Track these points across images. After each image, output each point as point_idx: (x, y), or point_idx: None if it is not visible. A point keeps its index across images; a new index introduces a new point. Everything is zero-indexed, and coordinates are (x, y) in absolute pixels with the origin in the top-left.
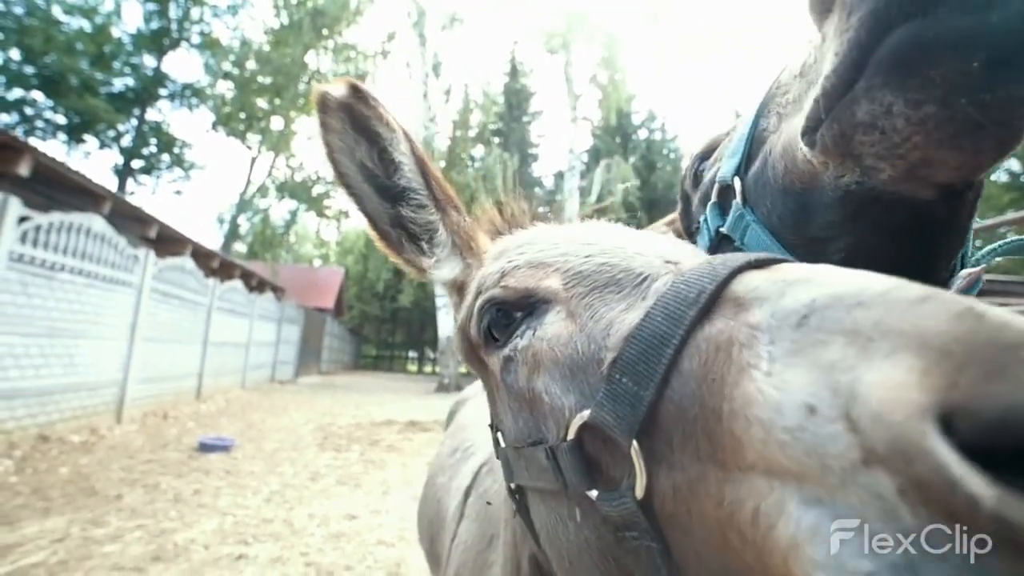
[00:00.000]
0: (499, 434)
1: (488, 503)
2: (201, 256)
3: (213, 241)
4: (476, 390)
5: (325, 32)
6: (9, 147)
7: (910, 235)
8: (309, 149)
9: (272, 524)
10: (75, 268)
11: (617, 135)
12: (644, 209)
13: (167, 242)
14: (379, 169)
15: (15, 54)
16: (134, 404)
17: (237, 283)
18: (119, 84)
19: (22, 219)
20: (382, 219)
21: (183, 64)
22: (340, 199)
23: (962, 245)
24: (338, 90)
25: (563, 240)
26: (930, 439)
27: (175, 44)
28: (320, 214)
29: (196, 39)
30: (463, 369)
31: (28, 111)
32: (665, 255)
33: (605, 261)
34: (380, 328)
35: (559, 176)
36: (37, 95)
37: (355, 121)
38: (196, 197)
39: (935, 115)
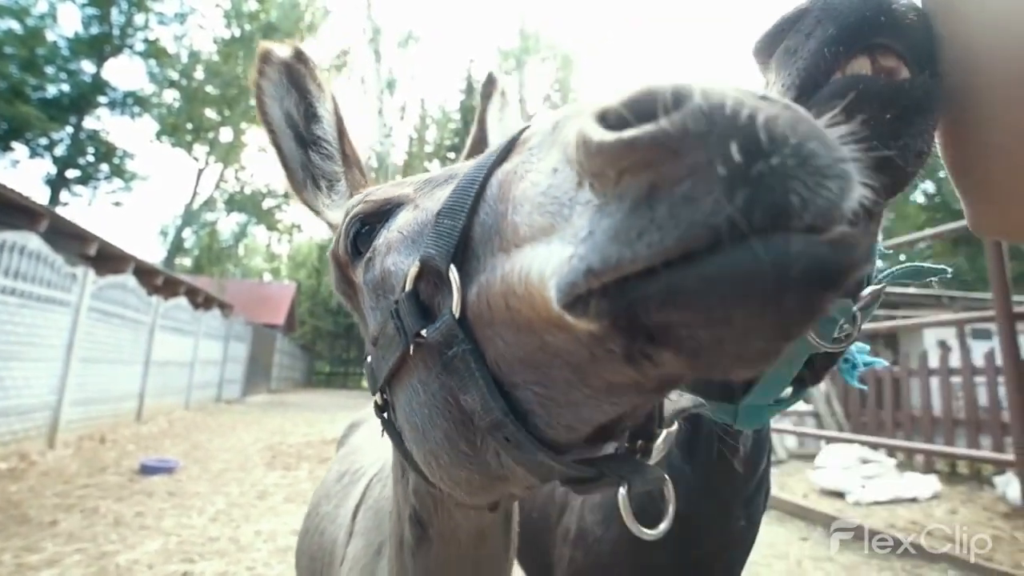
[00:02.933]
0: (369, 358)
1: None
2: (144, 273)
3: (156, 254)
4: (370, 413)
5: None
6: None
7: None
8: (260, 161)
9: (218, 542)
10: (7, 288)
11: None
12: None
13: (108, 259)
14: (301, 119)
15: None
16: (68, 428)
17: (182, 300)
18: (53, 90)
19: None
20: (294, 160)
21: (126, 71)
22: (292, 213)
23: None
24: (283, 50)
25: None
26: (589, 126)
27: (117, 51)
28: (271, 227)
29: (140, 46)
30: None
31: None
32: None
33: (448, 170)
34: (334, 344)
35: None
36: None
37: (291, 76)
38: (138, 209)
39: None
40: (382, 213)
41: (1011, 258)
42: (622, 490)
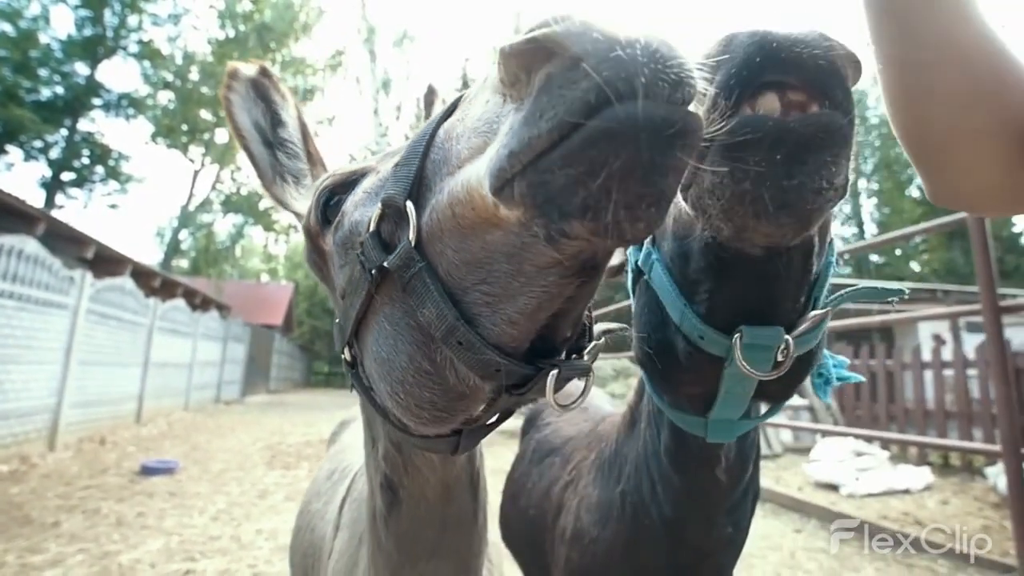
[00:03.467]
0: (336, 319)
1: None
2: (141, 275)
3: (152, 256)
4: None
5: (273, 46)
6: None
7: (752, 283)
8: None
9: (219, 540)
10: (5, 292)
11: None
12: None
13: (105, 262)
14: (268, 126)
15: None
16: (68, 430)
17: (179, 302)
18: (47, 92)
19: None
20: (263, 161)
21: (120, 73)
22: (288, 214)
23: (799, 292)
24: (250, 69)
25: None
26: (504, 44)
27: (111, 52)
28: (268, 228)
29: (134, 48)
30: None
31: None
32: None
33: (406, 142)
34: (332, 344)
35: None
36: None
37: (257, 89)
38: (134, 211)
39: (749, 192)
40: (348, 183)
41: (1006, 252)
42: (552, 372)
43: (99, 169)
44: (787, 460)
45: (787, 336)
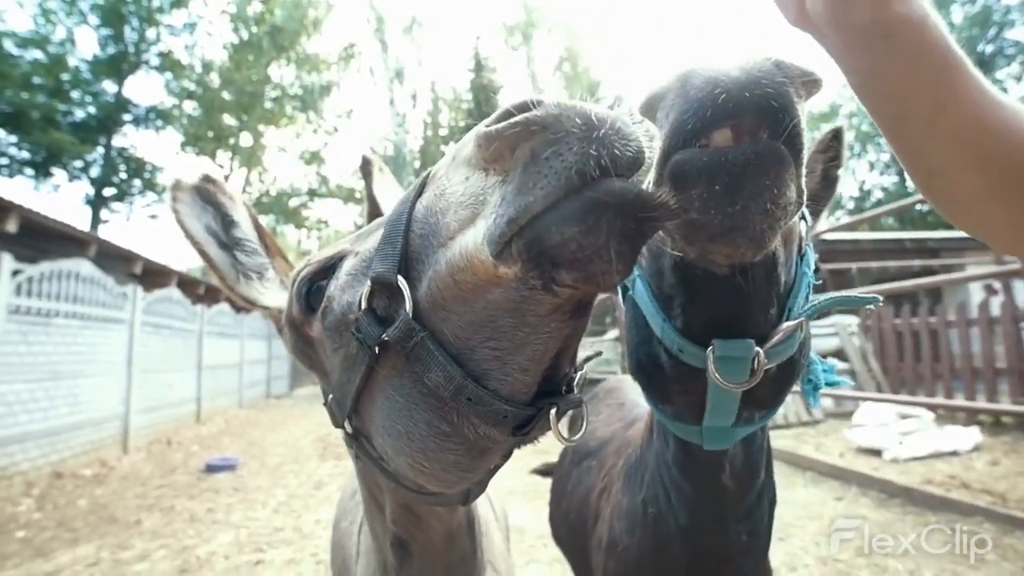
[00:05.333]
0: (330, 396)
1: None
2: (187, 284)
3: (193, 262)
4: None
5: (285, 45)
6: None
7: (721, 298)
8: (281, 162)
9: (283, 532)
10: (69, 312)
11: None
12: None
13: (153, 275)
14: (220, 228)
15: None
16: (138, 434)
17: (224, 306)
18: (81, 113)
19: (15, 272)
20: (222, 262)
21: (144, 86)
22: (317, 209)
23: (768, 305)
24: (191, 177)
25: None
26: (483, 128)
27: (134, 68)
28: (299, 226)
29: (155, 60)
30: None
31: None
32: None
33: (377, 221)
34: None
35: None
36: None
37: (203, 195)
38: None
39: (697, 220)
40: (327, 269)
41: None
42: (552, 411)
43: (136, 182)
44: (828, 426)
45: (758, 348)
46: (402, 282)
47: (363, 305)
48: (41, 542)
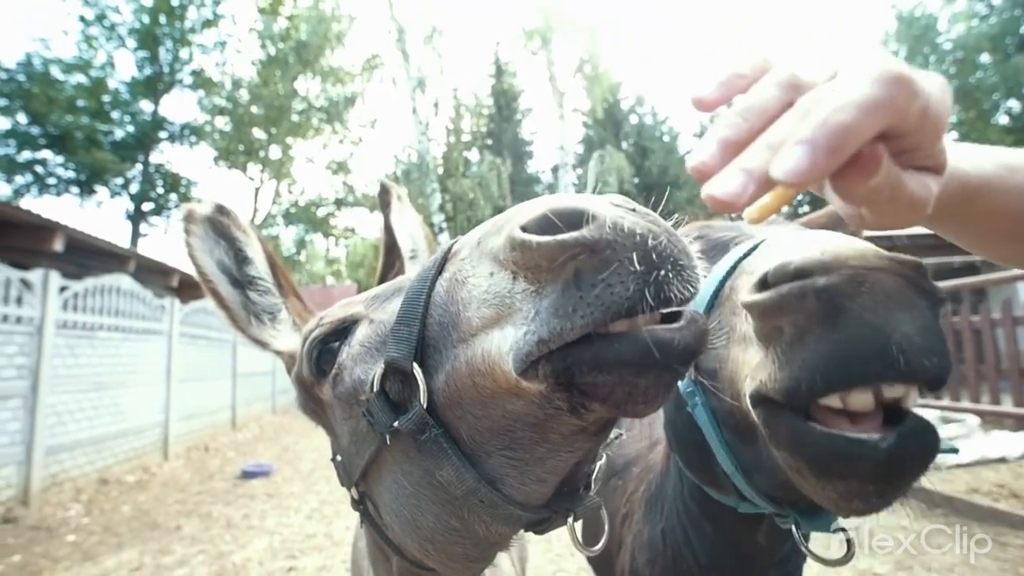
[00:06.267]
0: (339, 458)
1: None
2: None
3: None
4: None
5: (310, 59)
6: (45, 228)
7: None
8: (309, 172)
9: (315, 538)
10: (111, 325)
11: (608, 124)
12: (640, 196)
13: (189, 287)
14: (233, 264)
15: (22, 118)
16: (177, 441)
17: None
18: (120, 133)
19: (62, 288)
20: (233, 301)
21: (178, 104)
22: (344, 218)
23: None
24: (204, 208)
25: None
26: (519, 233)
27: (169, 87)
28: (327, 234)
29: (188, 79)
30: None
31: (39, 170)
32: None
33: (393, 284)
34: None
35: (556, 170)
36: (46, 154)
37: (216, 228)
38: None
39: (839, 497)
40: (339, 332)
41: None
42: (570, 520)
43: (172, 196)
44: None
45: (842, 528)
46: (418, 371)
47: (375, 387)
48: (89, 546)
